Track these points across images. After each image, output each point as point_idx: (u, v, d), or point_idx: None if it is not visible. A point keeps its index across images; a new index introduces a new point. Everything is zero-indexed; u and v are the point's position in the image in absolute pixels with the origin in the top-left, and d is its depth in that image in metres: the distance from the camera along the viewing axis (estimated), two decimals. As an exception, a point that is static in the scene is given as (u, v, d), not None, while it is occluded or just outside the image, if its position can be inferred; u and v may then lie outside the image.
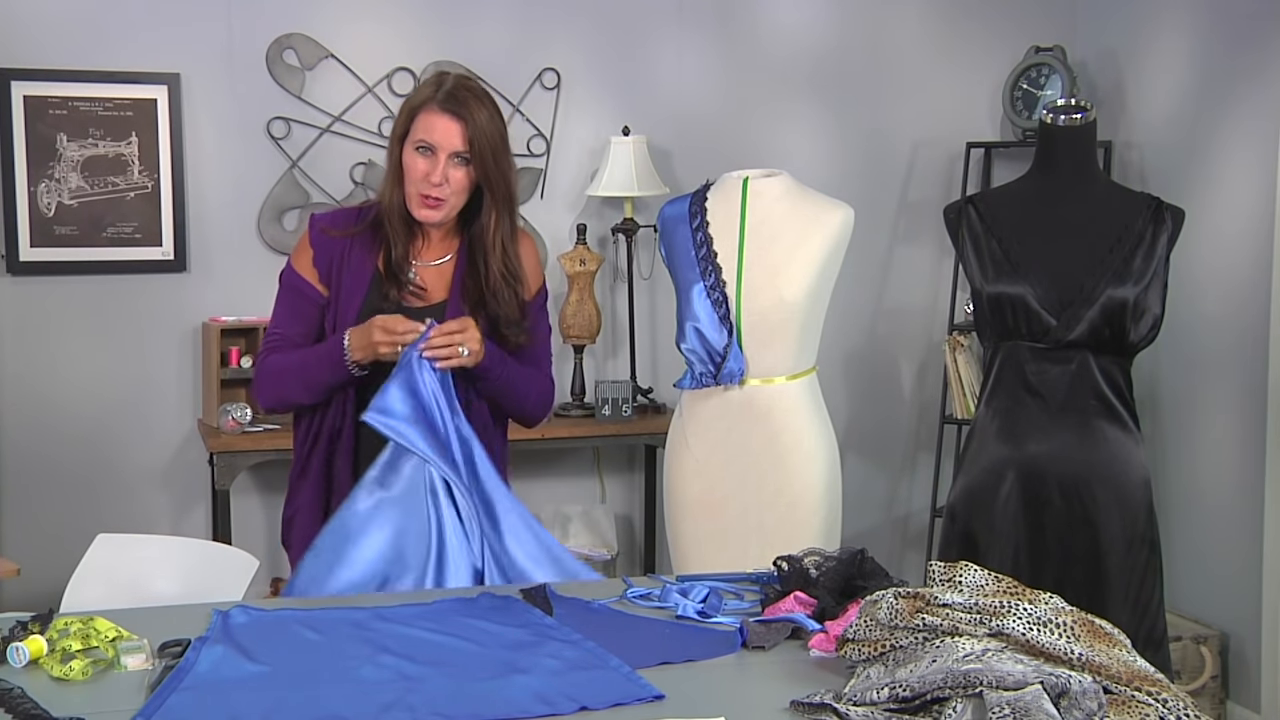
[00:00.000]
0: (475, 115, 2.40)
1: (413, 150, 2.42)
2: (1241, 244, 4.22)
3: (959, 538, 3.06)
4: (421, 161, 2.41)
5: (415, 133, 2.42)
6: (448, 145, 2.40)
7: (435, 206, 2.43)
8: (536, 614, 2.09)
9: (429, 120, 2.41)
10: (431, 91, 2.42)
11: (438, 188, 2.41)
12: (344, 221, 2.54)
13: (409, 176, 2.43)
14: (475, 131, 2.40)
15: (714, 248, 3.24)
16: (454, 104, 2.40)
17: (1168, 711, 1.62)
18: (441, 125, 2.40)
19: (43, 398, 4.29)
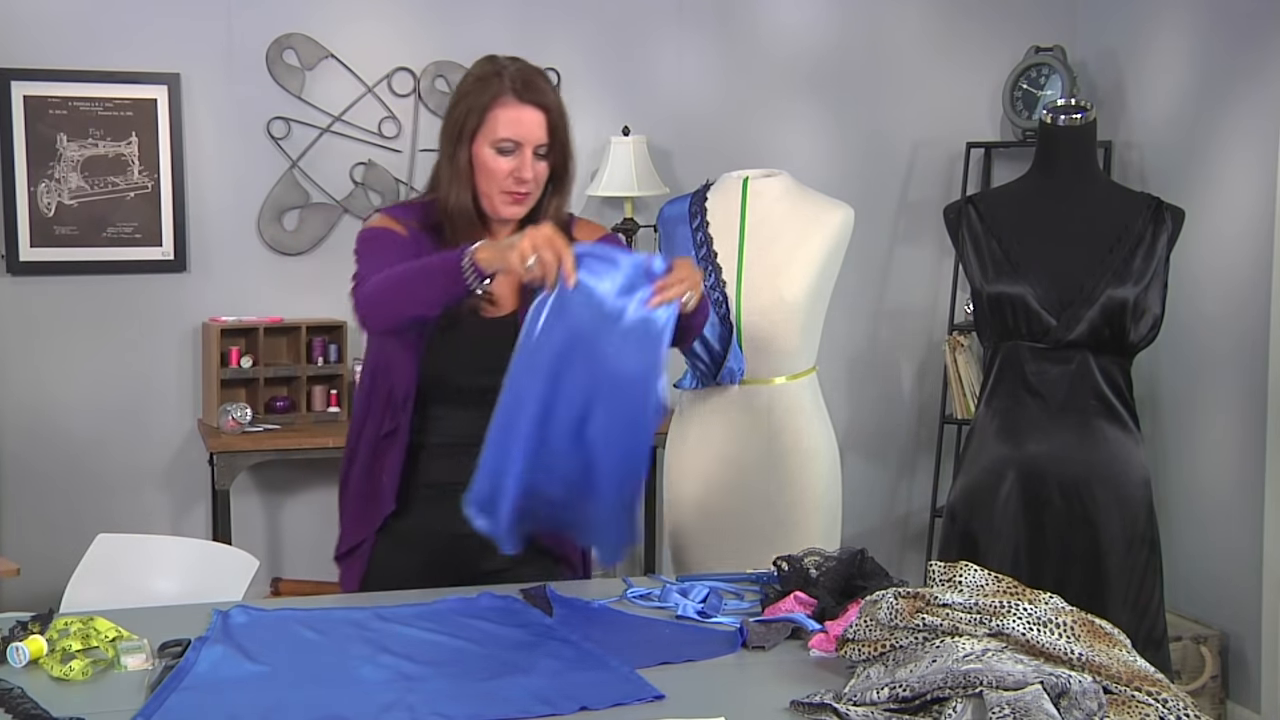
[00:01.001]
0: (551, 99, 2.26)
1: (490, 148, 2.24)
2: (1241, 244, 4.22)
3: (959, 538, 3.06)
4: (505, 161, 2.24)
5: (494, 130, 2.23)
6: (533, 139, 2.25)
7: (522, 201, 2.28)
8: (536, 614, 2.09)
9: (510, 115, 2.23)
10: (500, 85, 2.24)
11: (526, 184, 2.26)
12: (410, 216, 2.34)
13: (489, 175, 2.25)
14: (556, 118, 2.26)
15: (714, 248, 3.24)
16: (532, 93, 2.24)
17: (1168, 711, 1.62)
18: (526, 118, 2.24)
19: (43, 398, 4.29)
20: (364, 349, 2.44)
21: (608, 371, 1.96)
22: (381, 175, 4.54)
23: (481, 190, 2.26)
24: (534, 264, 1.95)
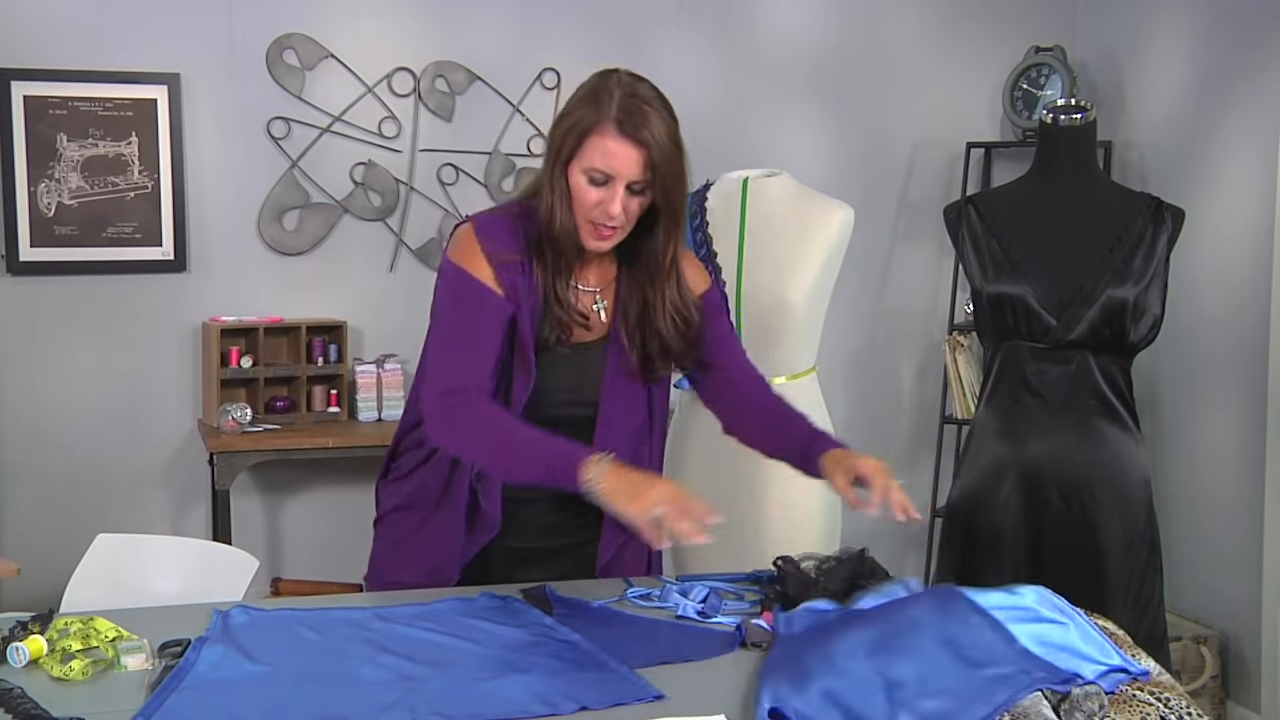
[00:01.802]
0: (657, 137, 2.08)
1: (583, 177, 2.10)
2: (1241, 244, 4.22)
3: (959, 538, 3.06)
4: (594, 192, 2.10)
5: (588, 158, 2.09)
6: (626, 175, 2.09)
7: (608, 237, 2.14)
8: (536, 614, 2.09)
9: (605, 146, 2.08)
10: (602, 109, 2.09)
11: (613, 219, 2.11)
12: (512, 239, 2.18)
13: (579, 203, 2.11)
14: (658, 156, 2.09)
15: (714, 248, 3.24)
16: (633, 127, 2.07)
17: (1169, 711, 1.62)
18: (622, 154, 2.08)
19: (43, 397, 4.29)
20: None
21: None
22: (381, 175, 4.53)
23: (575, 217, 2.14)
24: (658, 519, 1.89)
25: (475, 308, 2.14)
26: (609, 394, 2.23)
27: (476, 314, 2.14)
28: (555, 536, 2.30)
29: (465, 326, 2.14)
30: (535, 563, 2.28)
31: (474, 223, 2.20)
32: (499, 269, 2.14)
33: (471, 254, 2.16)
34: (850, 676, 1.68)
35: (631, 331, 2.22)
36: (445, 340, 2.16)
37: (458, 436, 2.11)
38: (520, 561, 2.29)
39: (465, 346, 2.13)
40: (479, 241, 2.16)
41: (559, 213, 2.13)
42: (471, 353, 2.13)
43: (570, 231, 2.13)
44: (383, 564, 2.34)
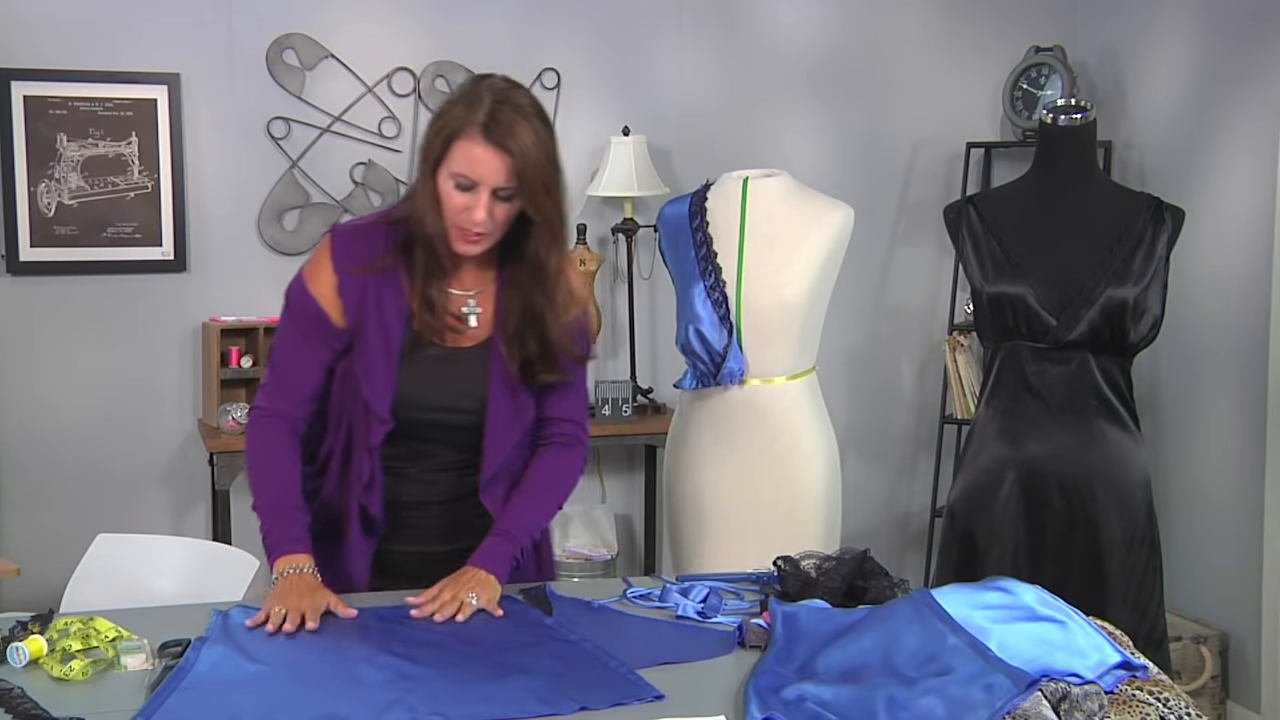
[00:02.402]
0: (522, 143, 2.05)
1: (449, 181, 2.09)
2: (1241, 244, 4.22)
3: (959, 538, 3.06)
4: (460, 197, 2.09)
5: (453, 163, 2.08)
6: (491, 181, 2.07)
7: (476, 242, 2.13)
8: (536, 614, 2.09)
9: (469, 151, 2.06)
10: (469, 114, 2.07)
11: (478, 224, 2.10)
12: (371, 247, 2.19)
13: (446, 208, 2.11)
14: (523, 164, 2.06)
15: (714, 248, 3.24)
16: (497, 133, 2.05)
17: (1168, 711, 1.62)
18: (484, 159, 2.06)
19: (43, 397, 4.29)
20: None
21: None
22: (381, 175, 4.53)
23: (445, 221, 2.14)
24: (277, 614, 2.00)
25: (303, 328, 2.21)
26: (496, 399, 2.22)
27: (303, 335, 2.21)
28: (453, 540, 2.28)
29: (288, 347, 2.24)
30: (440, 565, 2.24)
31: (334, 232, 2.24)
32: (344, 279, 2.17)
33: (319, 266, 2.20)
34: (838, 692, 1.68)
35: (511, 337, 2.20)
36: (273, 357, 2.27)
37: (248, 452, 2.23)
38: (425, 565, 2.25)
39: (284, 367, 2.24)
40: (331, 252, 2.19)
41: (429, 217, 2.13)
42: (289, 376, 2.22)
43: (440, 235, 2.14)
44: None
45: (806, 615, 1.99)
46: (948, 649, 1.74)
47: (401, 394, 2.18)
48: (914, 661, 1.74)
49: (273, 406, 2.23)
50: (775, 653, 1.86)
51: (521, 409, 2.25)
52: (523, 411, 2.25)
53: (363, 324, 2.17)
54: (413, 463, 2.24)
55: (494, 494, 2.25)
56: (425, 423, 2.21)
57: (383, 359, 2.17)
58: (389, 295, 2.17)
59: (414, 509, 2.27)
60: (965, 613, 1.83)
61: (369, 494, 2.21)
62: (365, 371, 2.18)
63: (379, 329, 2.17)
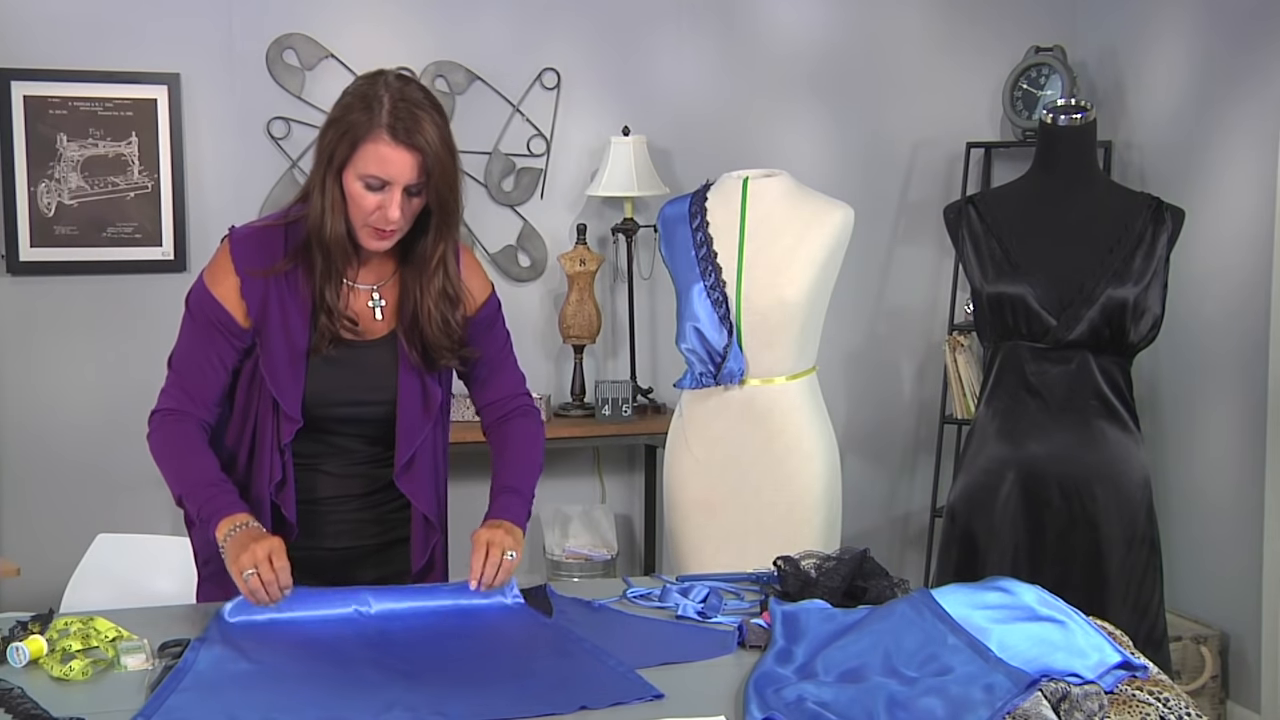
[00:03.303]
0: (429, 141, 2.09)
1: (358, 183, 2.10)
2: (1241, 244, 4.22)
3: (959, 538, 3.06)
4: (372, 197, 2.10)
5: (362, 165, 2.09)
6: (403, 179, 2.09)
7: (388, 237, 2.15)
8: (536, 614, 2.09)
9: (379, 153, 2.08)
10: (372, 116, 2.09)
11: (393, 223, 2.12)
12: (271, 248, 2.20)
13: (357, 208, 2.12)
14: (431, 160, 2.09)
15: (714, 248, 3.24)
16: (405, 133, 2.07)
17: (1168, 711, 1.62)
18: (396, 159, 2.08)
19: (42, 397, 4.29)
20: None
21: None
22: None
23: (353, 221, 2.15)
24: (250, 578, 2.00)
25: (206, 331, 2.19)
26: (405, 387, 2.24)
27: (206, 337, 2.19)
28: (375, 534, 2.30)
29: (192, 350, 2.21)
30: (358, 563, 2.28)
31: (231, 235, 2.23)
32: (246, 280, 2.17)
33: (221, 268, 2.19)
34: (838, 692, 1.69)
35: (409, 328, 2.23)
36: (174, 360, 2.24)
37: (155, 453, 2.21)
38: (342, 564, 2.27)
39: (187, 371, 2.22)
40: (231, 254, 2.19)
41: (329, 220, 2.13)
42: (193, 378, 2.21)
43: (341, 238, 2.15)
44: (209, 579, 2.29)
45: (806, 615, 1.99)
46: (948, 649, 1.75)
47: (311, 392, 2.19)
48: (914, 661, 1.74)
49: (177, 407, 2.22)
50: (775, 653, 1.86)
51: (431, 395, 2.27)
52: (432, 397, 2.27)
53: (265, 324, 2.18)
54: (326, 459, 2.25)
55: (411, 480, 2.26)
56: (337, 418, 2.22)
57: (288, 359, 2.18)
58: (290, 296, 2.18)
59: (332, 505, 2.27)
60: (965, 613, 1.83)
61: (281, 493, 2.21)
62: (271, 372, 2.18)
63: (282, 329, 2.18)
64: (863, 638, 1.83)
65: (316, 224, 2.15)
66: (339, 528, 2.28)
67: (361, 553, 2.30)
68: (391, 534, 2.32)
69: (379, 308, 2.25)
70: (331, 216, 2.13)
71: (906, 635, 1.80)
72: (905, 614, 1.86)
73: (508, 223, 4.62)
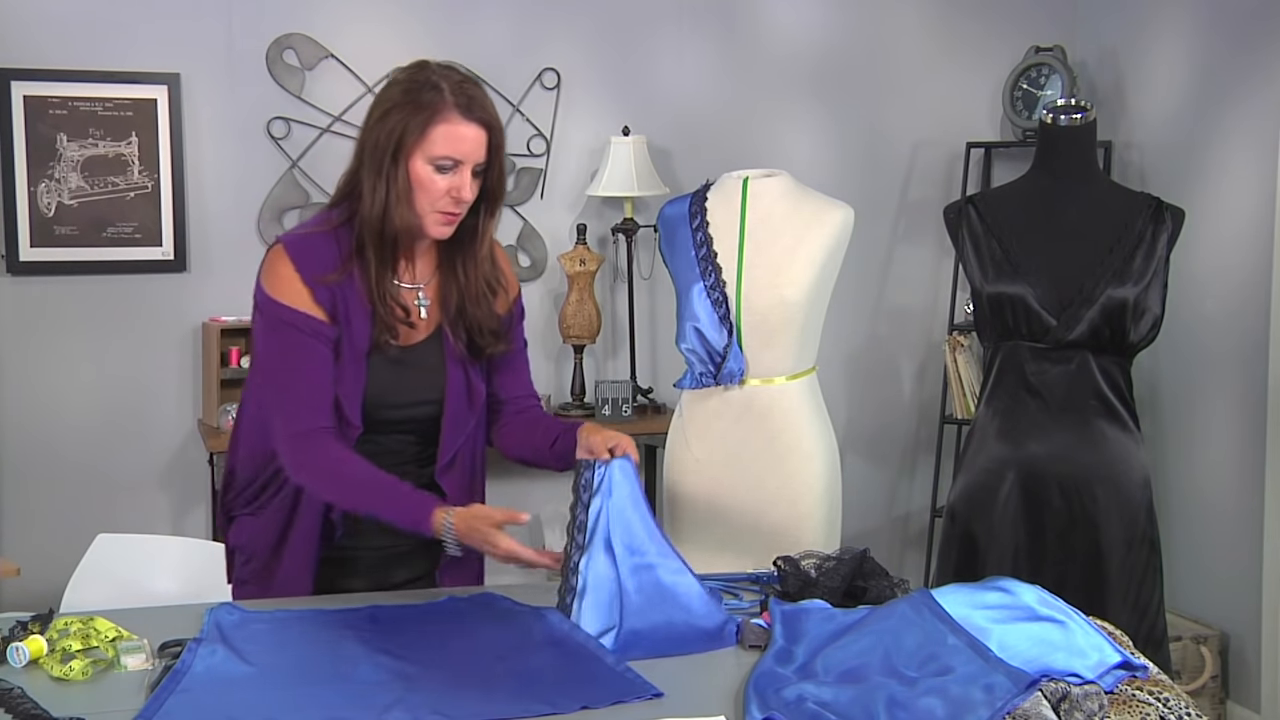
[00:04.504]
0: (493, 115, 2.13)
1: (428, 165, 2.10)
2: (1241, 244, 4.22)
3: (959, 538, 3.06)
4: (443, 179, 2.10)
5: (434, 146, 2.09)
6: (475, 157, 2.11)
7: (453, 221, 2.16)
8: (536, 614, 2.09)
9: (453, 132, 2.08)
10: (443, 96, 2.09)
11: (464, 204, 2.13)
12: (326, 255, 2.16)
13: (426, 194, 2.11)
14: (497, 135, 2.13)
15: (714, 248, 3.23)
16: (476, 110, 2.10)
17: (1168, 711, 1.62)
18: (470, 136, 2.09)
19: (42, 397, 4.29)
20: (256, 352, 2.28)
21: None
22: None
23: (418, 208, 2.13)
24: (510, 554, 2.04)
25: (299, 340, 2.13)
26: (453, 385, 2.24)
27: (301, 347, 2.13)
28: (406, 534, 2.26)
29: (294, 364, 2.13)
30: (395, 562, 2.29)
31: (284, 244, 2.18)
32: (315, 288, 2.13)
33: (286, 280, 2.14)
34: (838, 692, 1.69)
35: (454, 319, 2.23)
36: (278, 382, 2.15)
37: (315, 480, 2.14)
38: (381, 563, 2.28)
39: (299, 385, 2.13)
40: (293, 263, 2.15)
41: (398, 208, 2.11)
42: (307, 390, 2.13)
43: (410, 225, 2.14)
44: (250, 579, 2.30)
45: (806, 615, 1.99)
46: (948, 649, 1.75)
47: (370, 396, 2.18)
48: (914, 661, 1.74)
49: (307, 426, 2.13)
50: (775, 653, 1.86)
51: (475, 391, 2.28)
52: (476, 394, 2.28)
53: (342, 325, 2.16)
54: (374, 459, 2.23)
55: (451, 478, 2.26)
56: (390, 420, 2.22)
57: (351, 364, 2.16)
58: (351, 299, 2.16)
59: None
60: (965, 613, 1.83)
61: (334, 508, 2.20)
62: (337, 378, 2.15)
63: (347, 335, 2.16)
64: (863, 638, 1.83)
65: (379, 216, 2.12)
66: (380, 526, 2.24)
67: (398, 552, 2.29)
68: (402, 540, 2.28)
69: (423, 307, 2.24)
70: (400, 205, 2.12)
71: (906, 635, 1.80)
72: (905, 614, 1.86)
73: (508, 223, 4.62)
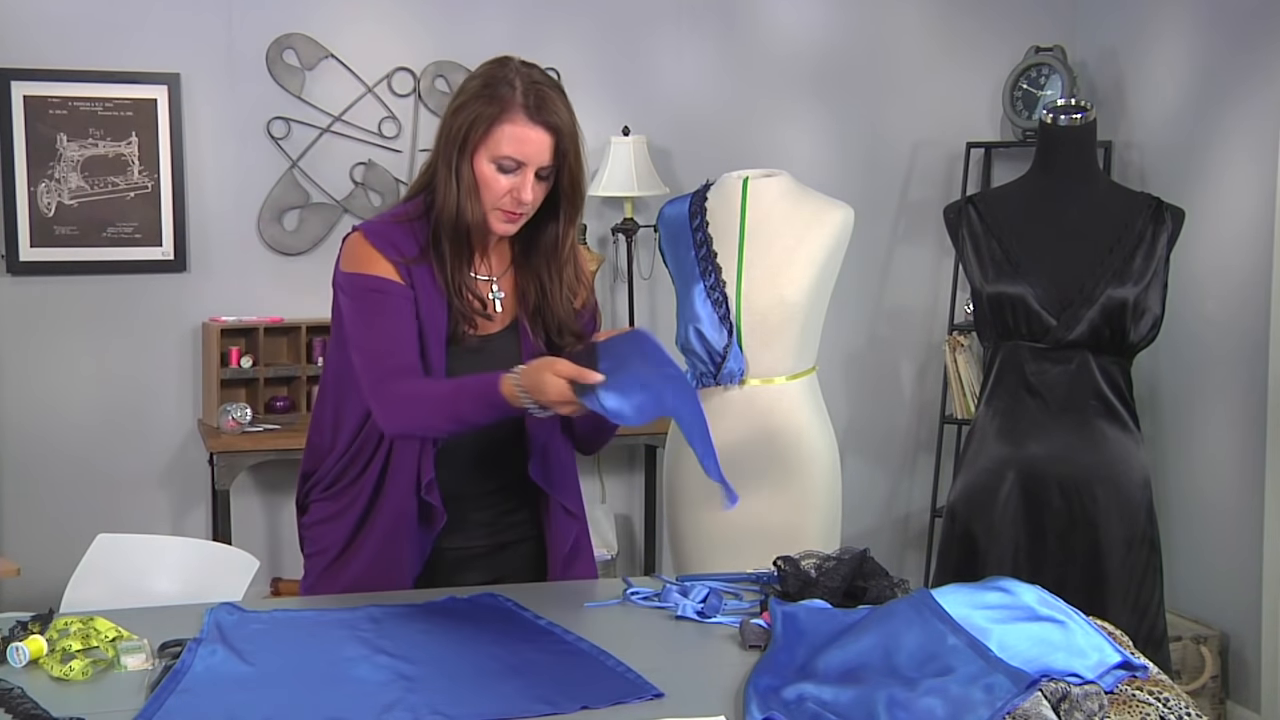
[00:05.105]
0: (563, 120, 2.11)
1: (491, 165, 2.10)
2: (1241, 244, 4.22)
3: (959, 538, 3.06)
4: (505, 179, 2.11)
5: (498, 146, 2.09)
6: (538, 160, 2.11)
7: (517, 220, 2.16)
8: (534, 614, 2.08)
9: (518, 133, 2.09)
10: (510, 97, 2.09)
11: (525, 205, 2.13)
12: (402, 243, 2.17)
13: (488, 191, 2.12)
14: (565, 140, 2.12)
15: (714, 248, 3.24)
16: (544, 113, 2.10)
17: (1168, 711, 1.62)
18: (534, 139, 2.09)
19: (43, 397, 4.29)
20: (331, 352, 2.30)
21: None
22: (381, 175, 4.54)
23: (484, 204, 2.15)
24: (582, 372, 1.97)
25: (382, 301, 2.14)
26: None
27: (385, 305, 2.14)
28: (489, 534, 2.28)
29: (377, 321, 2.14)
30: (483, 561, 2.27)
31: (363, 231, 2.20)
32: (399, 267, 2.15)
33: (368, 258, 2.16)
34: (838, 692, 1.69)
35: (533, 316, 2.23)
36: (363, 342, 2.15)
37: (402, 416, 2.11)
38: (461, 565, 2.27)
39: (382, 338, 2.13)
40: (373, 245, 2.16)
41: (469, 203, 2.13)
42: (389, 341, 2.13)
43: (481, 220, 2.14)
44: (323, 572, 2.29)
45: (806, 615, 1.99)
46: (948, 649, 1.74)
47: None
48: (914, 661, 1.74)
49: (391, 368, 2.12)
50: (775, 653, 1.86)
51: None
52: None
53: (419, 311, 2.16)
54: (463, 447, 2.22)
55: (541, 470, 2.25)
56: None
57: (433, 348, 2.16)
58: (431, 289, 2.16)
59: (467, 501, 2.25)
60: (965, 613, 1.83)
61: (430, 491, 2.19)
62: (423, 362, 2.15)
63: (429, 323, 2.16)
64: (863, 638, 1.83)
65: (452, 210, 2.14)
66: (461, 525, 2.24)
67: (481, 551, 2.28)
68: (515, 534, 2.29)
69: (498, 299, 2.24)
70: (470, 200, 2.13)
71: (906, 635, 1.80)
72: (905, 614, 1.86)
73: (508, 223, 4.62)
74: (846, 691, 1.68)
